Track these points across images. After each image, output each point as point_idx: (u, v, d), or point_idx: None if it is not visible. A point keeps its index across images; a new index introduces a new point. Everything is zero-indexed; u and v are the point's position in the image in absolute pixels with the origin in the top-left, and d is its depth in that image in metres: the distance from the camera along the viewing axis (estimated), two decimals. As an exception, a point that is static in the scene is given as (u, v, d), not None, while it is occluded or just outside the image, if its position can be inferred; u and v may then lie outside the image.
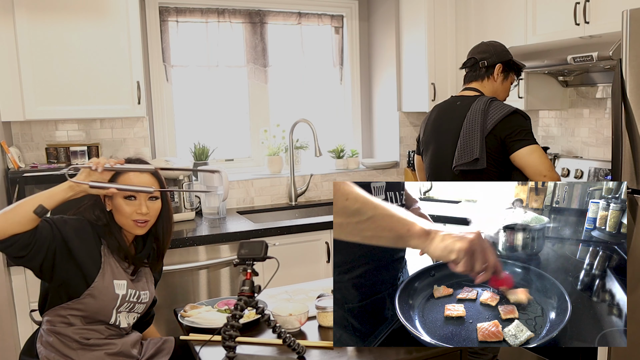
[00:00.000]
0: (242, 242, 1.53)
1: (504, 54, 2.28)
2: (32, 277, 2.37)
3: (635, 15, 1.91)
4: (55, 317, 1.65)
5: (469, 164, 2.15)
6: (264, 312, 1.51)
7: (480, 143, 2.11)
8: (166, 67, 3.27)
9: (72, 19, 2.61)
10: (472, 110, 2.16)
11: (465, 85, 2.35)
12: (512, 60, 2.29)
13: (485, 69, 2.27)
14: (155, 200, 1.70)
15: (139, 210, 1.65)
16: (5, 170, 2.56)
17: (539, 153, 2.09)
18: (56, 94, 2.62)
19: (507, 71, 2.29)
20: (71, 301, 1.63)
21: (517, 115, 2.13)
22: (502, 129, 2.11)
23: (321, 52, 3.69)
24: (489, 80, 2.29)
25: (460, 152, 2.17)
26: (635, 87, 1.94)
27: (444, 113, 2.33)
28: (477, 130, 2.12)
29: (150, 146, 3.12)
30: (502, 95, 2.33)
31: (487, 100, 2.17)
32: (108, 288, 1.65)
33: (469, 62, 2.31)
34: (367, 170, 3.73)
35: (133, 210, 1.65)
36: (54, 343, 1.64)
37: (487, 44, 2.31)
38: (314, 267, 2.90)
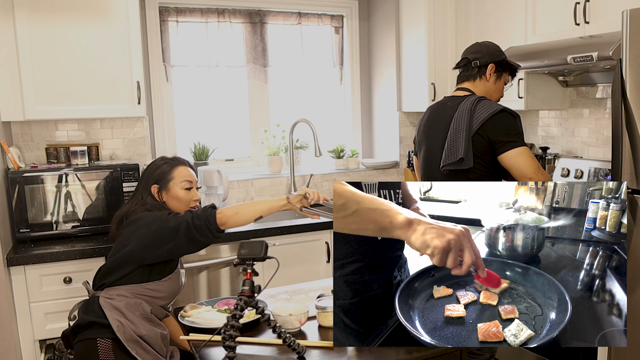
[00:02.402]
0: (242, 242, 1.53)
1: (496, 54, 2.26)
2: (32, 277, 2.37)
3: (635, 15, 1.91)
4: (127, 292, 1.85)
5: (454, 163, 2.15)
6: (264, 312, 1.51)
7: (465, 143, 2.11)
8: (166, 67, 3.27)
9: (72, 19, 2.61)
10: (459, 110, 2.16)
11: (458, 86, 2.35)
12: (506, 60, 2.28)
13: (478, 69, 2.26)
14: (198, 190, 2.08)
15: (194, 197, 2.02)
16: (5, 170, 2.56)
17: (525, 156, 2.07)
18: (56, 94, 2.62)
19: (500, 71, 2.28)
20: (152, 282, 1.88)
21: (504, 114, 2.11)
22: (489, 128, 2.10)
23: (321, 52, 3.69)
24: (481, 80, 2.28)
25: (447, 152, 2.17)
26: (635, 87, 1.94)
27: (435, 114, 2.33)
28: (462, 130, 2.12)
29: (150, 146, 3.12)
30: (495, 96, 2.31)
31: (474, 100, 2.16)
32: (178, 275, 1.97)
33: (462, 62, 2.31)
34: (367, 170, 3.73)
35: (190, 198, 2.01)
36: (120, 307, 1.82)
37: (480, 44, 2.30)
38: (314, 267, 2.90)
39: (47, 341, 2.53)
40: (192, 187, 2.03)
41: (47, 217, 2.58)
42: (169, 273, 1.92)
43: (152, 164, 2.04)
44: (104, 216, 2.67)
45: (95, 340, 1.79)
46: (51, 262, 2.39)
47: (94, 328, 1.82)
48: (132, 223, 1.90)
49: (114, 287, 1.87)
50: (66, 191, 2.60)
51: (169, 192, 1.99)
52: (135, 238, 1.85)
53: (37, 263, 2.37)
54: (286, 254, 2.81)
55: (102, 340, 1.79)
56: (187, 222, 1.81)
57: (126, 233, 1.89)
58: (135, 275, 1.87)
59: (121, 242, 1.90)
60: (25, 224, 2.54)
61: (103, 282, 1.89)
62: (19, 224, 2.53)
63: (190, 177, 2.02)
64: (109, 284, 1.88)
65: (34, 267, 2.38)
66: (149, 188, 1.99)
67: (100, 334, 1.80)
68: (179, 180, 1.99)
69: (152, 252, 1.84)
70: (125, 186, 2.69)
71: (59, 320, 2.44)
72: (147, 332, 1.82)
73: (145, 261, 1.86)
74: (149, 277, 1.88)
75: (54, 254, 2.39)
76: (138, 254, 1.85)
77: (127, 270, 1.87)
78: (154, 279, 1.89)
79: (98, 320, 1.80)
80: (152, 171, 2.01)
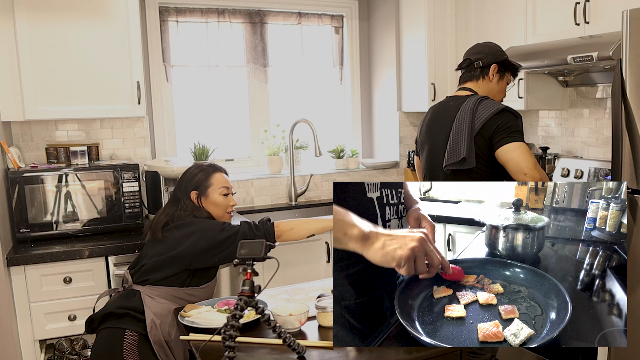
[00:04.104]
0: (242, 242, 1.53)
1: (499, 54, 2.26)
2: (32, 277, 2.37)
3: (635, 15, 1.91)
4: (168, 295, 1.94)
5: (457, 163, 2.15)
6: (264, 312, 1.50)
7: (467, 143, 2.11)
8: (166, 67, 3.27)
9: (72, 19, 2.61)
10: (461, 110, 2.16)
11: (460, 86, 2.34)
12: (508, 60, 2.28)
13: (480, 70, 2.26)
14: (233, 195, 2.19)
15: (231, 203, 2.14)
16: (5, 170, 2.56)
17: (522, 150, 2.05)
18: (56, 94, 2.62)
19: (502, 71, 2.28)
20: (191, 287, 1.98)
21: (505, 112, 2.11)
22: (489, 126, 2.09)
23: (321, 52, 3.69)
24: (484, 81, 2.27)
25: (449, 152, 2.17)
26: (635, 87, 1.94)
27: (437, 114, 2.33)
28: (465, 130, 2.12)
29: (150, 146, 3.12)
30: (498, 96, 2.31)
31: (476, 100, 2.15)
32: (215, 283, 2.10)
33: (464, 63, 2.31)
34: (367, 170, 3.73)
35: (227, 203, 2.12)
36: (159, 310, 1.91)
37: (482, 44, 2.30)
38: (314, 267, 2.90)
39: (47, 341, 2.53)
40: (229, 192, 2.15)
41: (47, 217, 2.58)
42: (208, 281, 2.04)
43: (190, 172, 2.15)
44: (104, 216, 2.67)
45: (123, 330, 1.86)
46: (51, 262, 2.39)
47: (126, 319, 1.89)
48: (182, 227, 1.98)
49: (156, 287, 1.95)
50: (66, 191, 2.60)
51: (208, 198, 2.10)
52: (188, 243, 1.94)
53: (37, 263, 2.37)
54: (286, 254, 2.81)
55: (130, 332, 1.86)
56: (245, 232, 1.95)
57: (176, 236, 1.97)
58: (178, 279, 1.96)
59: (170, 245, 1.97)
60: (25, 224, 2.54)
61: (146, 278, 1.97)
62: (19, 224, 2.53)
63: (227, 183, 2.14)
64: (152, 282, 1.96)
65: (34, 267, 2.38)
66: (189, 194, 2.09)
67: (131, 326, 1.87)
68: (217, 186, 2.11)
69: (204, 257, 1.94)
70: (125, 186, 2.69)
71: (59, 320, 2.44)
72: (175, 339, 1.89)
73: (193, 266, 1.96)
74: (190, 282, 1.98)
75: (54, 254, 2.39)
76: (188, 258, 1.94)
77: (171, 272, 1.95)
78: (194, 285, 1.99)
79: (134, 313, 1.88)
80: (191, 178, 2.12)
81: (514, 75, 2.34)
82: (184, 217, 2.04)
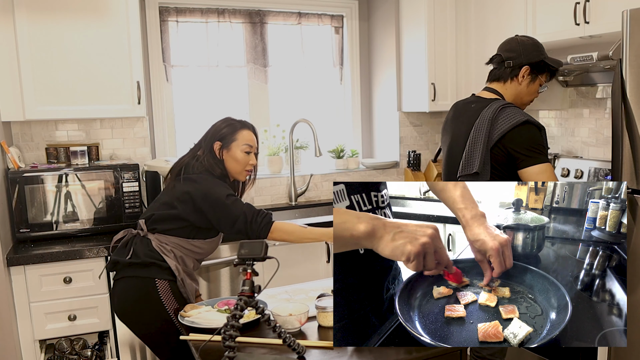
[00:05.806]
0: (242, 242, 1.53)
1: (534, 54, 2.05)
2: (32, 277, 2.37)
3: (635, 15, 1.91)
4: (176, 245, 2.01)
5: (469, 176, 2.05)
6: (264, 312, 1.50)
7: (482, 155, 1.99)
8: (166, 67, 3.27)
9: (72, 19, 2.61)
10: (480, 118, 2.03)
11: (487, 84, 2.18)
12: (544, 60, 2.07)
13: (510, 70, 2.07)
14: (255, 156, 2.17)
15: (252, 161, 2.13)
16: (5, 170, 2.56)
17: (547, 174, 1.94)
18: (56, 94, 2.62)
19: (535, 74, 2.08)
20: (197, 240, 2.05)
21: (528, 126, 1.95)
22: (511, 140, 1.96)
23: (321, 52, 3.69)
24: (512, 82, 2.09)
25: (464, 162, 2.07)
26: (635, 87, 1.94)
27: (458, 115, 2.20)
28: (480, 141, 2.00)
29: (150, 146, 3.12)
30: (525, 99, 2.14)
31: (497, 108, 2.00)
32: (219, 237, 2.16)
33: (495, 58, 2.13)
34: (367, 170, 3.73)
35: (247, 161, 2.11)
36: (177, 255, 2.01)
37: (518, 41, 2.09)
38: (314, 267, 2.90)
39: (47, 341, 2.53)
40: (252, 151, 2.14)
41: (47, 217, 2.58)
42: (213, 236, 2.11)
43: (219, 123, 2.16)
44: (104, 216, 2.67)
45: (153, 280, 1.95)
46: (51, 262, 2.40)
47: (153, 267, 1.97)
48: (189, 181, 2.01)
49: (164, 236, 2.02)
50: (66, 191, 2.60)
51: (230, 152, 2.10)
52: (192, 204, 1.98)
53: (37, 263, 2.37)
54: (286, 253, 2.81)
55: (160, 281, 1.95)
56: (245, 224, 1.97)
57: (182, 189, 2.01)
58: (185, 230, 2.02)
59: (176, 196, 2.01)
60: (25, 224, 2.54)
61: (155, 227, 2.03)
62: (19, 224, 2.53)
63: (252, 141, 2.13)
64: (160, 231, 2.02)
65: (34, 267, 2.38)
66: (212, 144, 2.11)
67: (159, 275, 1.96)
68: (241, 142, 2.10)
69: (205, 222, 2.01)
70: (125, 186, 2.69)
71: (59, 320, 2.44)
72: (188, 286, 2.01)
73: (197, 224, 2.02)
74: (196, 234, 2.05)
75: (54, 254, 2.39)
76: (191, 217, 2.00)
77: (179, 225, 2.02)
78: (200, 238, 2.06)
79: (158, 262, 1.96)
80: (220, 129, 2.13)
81: (552, 76, 2.14)
82: (197, 168, 2.05)
